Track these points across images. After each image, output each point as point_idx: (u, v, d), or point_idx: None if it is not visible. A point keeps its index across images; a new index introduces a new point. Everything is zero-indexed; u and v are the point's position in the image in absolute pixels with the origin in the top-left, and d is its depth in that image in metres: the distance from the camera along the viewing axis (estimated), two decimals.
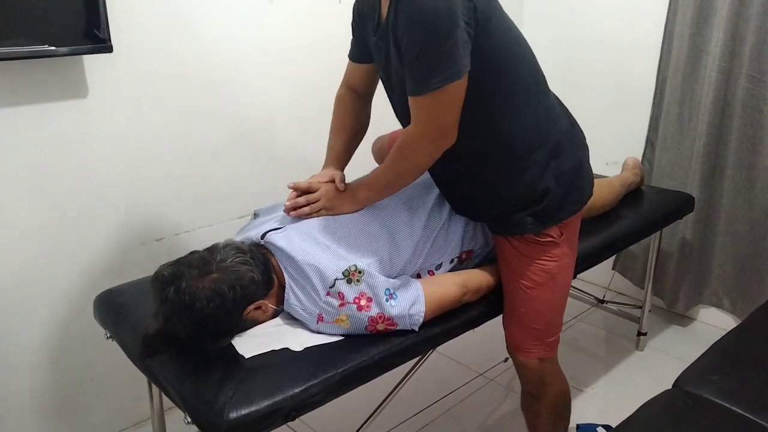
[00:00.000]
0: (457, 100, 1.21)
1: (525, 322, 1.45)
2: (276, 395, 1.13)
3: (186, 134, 1.90)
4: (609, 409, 2.04)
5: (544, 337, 1.47)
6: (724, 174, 2.29)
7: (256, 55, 2.01)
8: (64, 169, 1.68)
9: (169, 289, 1.20)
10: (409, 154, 1.30)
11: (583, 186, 1.41)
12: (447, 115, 1.22)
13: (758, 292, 2.28)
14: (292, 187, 1.44)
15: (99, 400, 1.88)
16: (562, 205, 1.37)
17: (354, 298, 1.26)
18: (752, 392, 1.33)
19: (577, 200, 1.40)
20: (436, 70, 1.15)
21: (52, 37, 1.50)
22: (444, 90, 1.17)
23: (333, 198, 1.41)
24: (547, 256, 1.40)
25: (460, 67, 1.15)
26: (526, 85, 1.30)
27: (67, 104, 1.65)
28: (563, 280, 1.45)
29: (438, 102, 1.20)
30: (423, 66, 1.16)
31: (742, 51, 2.15)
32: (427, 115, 1.23)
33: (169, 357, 1.25)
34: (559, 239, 1.39)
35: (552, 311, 1.46)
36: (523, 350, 1.48)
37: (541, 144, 1.32)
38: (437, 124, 1.24)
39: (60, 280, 1.73)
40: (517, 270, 1.42)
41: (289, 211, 1.41)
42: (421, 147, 1.28)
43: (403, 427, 1.97)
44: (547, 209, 1.35)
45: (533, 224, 1.36)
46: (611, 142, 2.62)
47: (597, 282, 2.71)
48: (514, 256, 1.41)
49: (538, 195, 1.34)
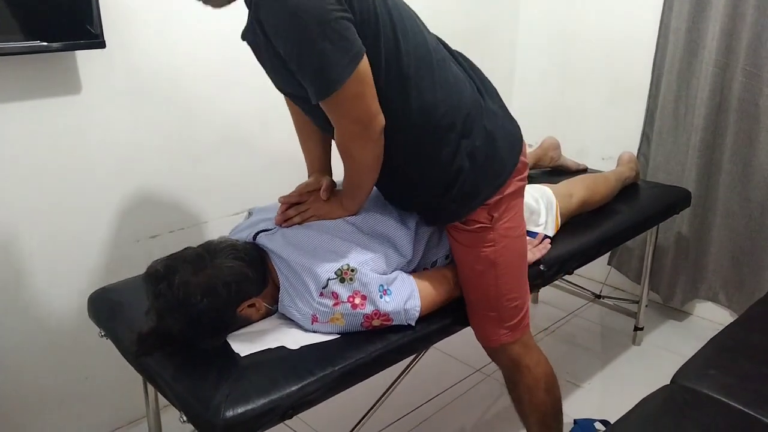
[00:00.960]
0: (365, 87, 1.13)
1: (479, 309, 1.42)
2: (272, 393, 1.12)
3: (180, 130, 1.88)
4: (606, 404, 2.04)
5: (501, 322, 1.42)
6: (720, 168, 2.29)
7: (250, 54, 1.99)
8: (57, 166, 1.67)
9: (162, 284, 1.19)
10: (351, 154, 1.25)
11: (502, 157, 1.32)
12: (360, 104, 1.15)
13: (754, 286, 2.29)
14: (282, 201, 1.42)
15: (94, 398, 1.87)
16: (481, 184, 1.30)
17: (348, 297, 1.25)
18: (751, 387, 1.33)
19: (498, 173, 1.32)
20: (328, 69, 1.08)
21: (44, 32, 1.48)
22: (346, 84, 1.10)
23: (322, 206, 1.39)
24: (483, 243, 1.35)
25: (352, 53, 1.08)
26: (418, 67, 1.21)
27: (59, 100, 1.63)
28: (506, 263, 1.38)
29: (345, 98, 1.13)
30: (310, 70, 1.10)
31: (738, 45, 2.15)
32: (341, 114, 1.17)
33: (165, 355, 1.24)
34: (490, 223, 1.34)
35: (500, 296, 1.39)
36: (487, 338, 1.45)
37: (447, 121, 1.25)
38: (353, 118, 1.16)
39: (53, 278, 1.72)
40: (461, 260, 1.39)
41: (281, 225, 1.40)
42: (353, 145, 1.22)
43: (400, 423, 1.96)
44: (464, 191, 1.30)
45: (456, 209, 1.32)
46: (607, 137, 2.62)
47: (594, 277, 2.71)
48: (455, 246, 1.39)
49: (452, 176, 1.28)
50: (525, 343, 1.48)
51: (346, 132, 1.20)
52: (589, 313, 2.61)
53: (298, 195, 1.42)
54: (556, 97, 2.75)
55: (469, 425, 1.98)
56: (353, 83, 1.11)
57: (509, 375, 1.53)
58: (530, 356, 1.49)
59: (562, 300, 2.62)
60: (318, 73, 1.09)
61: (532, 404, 1.52)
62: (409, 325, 1.32)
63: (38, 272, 1.69)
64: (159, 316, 1.22)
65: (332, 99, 1.12)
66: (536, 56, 2.80)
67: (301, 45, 1.07)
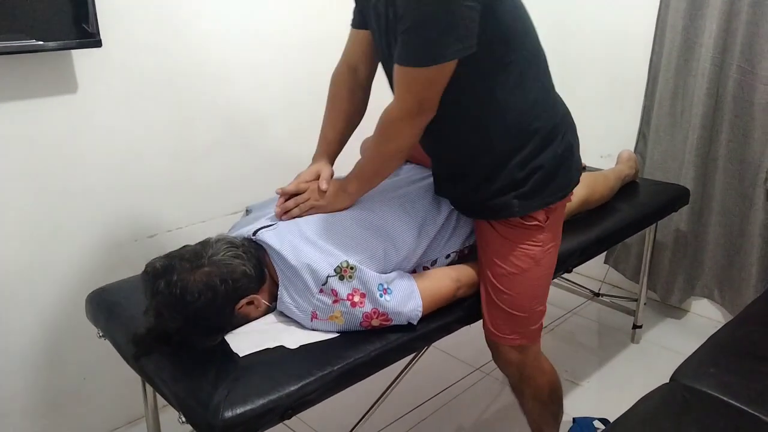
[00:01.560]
0: (442, 79, 1.17)
1: (507, 308, 1.40)
2: (271, 394, 1.12)
3: (177, 129, 1.88)
4: (605, 403, 2.04)
5: (527, 325, 1.42)
6: (716, 165, 2.29)
7: (248, 50, 1.99)
8: (54, 166, 1.66)
9: (160, 281, 1.19)
10: (392, 134, 1.26)
11: (572, 173, 1.38)
12: (430, 91, 1.18)
13: (748, 283, 2.29)
14: (280, 193, 1.42)
15: (93, 398, 1.86)
16: (550, 188, 1.33)
17: (347, 294, 1.25)
18: (750, 385, 1.33)
19: (565, 185, 1.37)
20: (431, 48, 1.11)
21: (40, 31, 1.48)
22: (432, 69, 1.13)
23: (321, 197, 1.39)
24: (532, 240, 1.36)
25: (457, 48, 1.11)
26: (529, 62, 1.25)
27: (56, 100, 1.63)
28: (547, 266, 1.41)
29: (423, 78, 1.16)
30: (418, 38, 1.11)
31: (733, 42, 2.15)
32: (409, 89, 1.19)
33: (163, 356, 1.23)
34: (544, 224, 1.36)
35: (535, 297, 1.41)
36: (504, 337, 1.43)
37: (539, 123, 1.29)
38: (419, 99, 1.19)
39: (51, 278, 1.71)
40: (501, 254, 1.38)
41: (280, 217, 1.40)
42: (402, 125, 1.23)
43: (400, 422, 1.96)
44: (535, 191, 1.32)
45: (519, 207, 1.33)
46: (605, 135, 2.61)
47: (592, 275, 2.71)
48: (497, 240, 1.38)
49: (527, 175, 1.30)
50: (537, 351, 1.49)
51: (404, 108, 1.21)
52: (587, 312, 2.61)
53: (296, 186, 1.42)
54: None
55: (468, 424, 1.98)
56: (444, 69, 1.14)
57: (514, 383, 1.53)
58: (539, 364, 1.50)
59: (560, 298, 2.62)
60: (427, 42, 1.11)
61: (537, 409, 1.55)
62: (409, 324, 1.31)
63: (35, 273, 1.68)
64: (157, 314, 1.21)
65: (419, 70, 1.14)
66: None
67: (430, 10, 1.07)
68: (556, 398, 1.57)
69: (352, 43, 1.45)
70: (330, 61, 1.53)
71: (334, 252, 1.28)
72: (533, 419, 1.58)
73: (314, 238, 1.31)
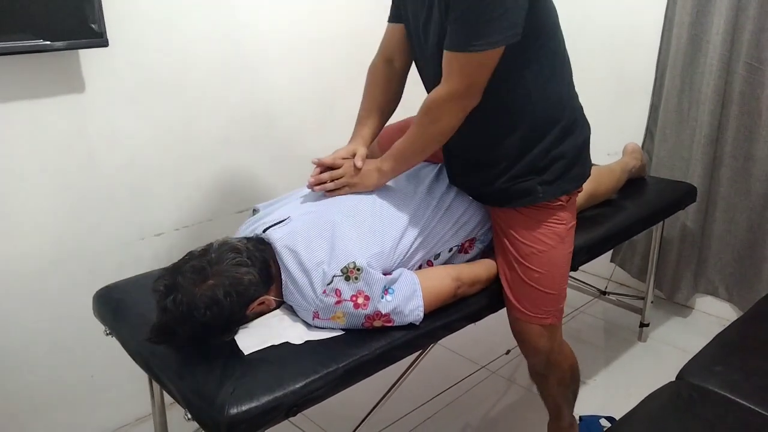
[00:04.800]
0: (492, 64, 1.22)
1: (539, 287, 1.43)
2: (277, 391, 1.12)
3: (184, 128, 1.88)
4: (612, 401, 2.03)
5: (557, 303, 1.47)
6: (722, 162, 2.28)
7: (255, 48, 2.00)
8: (62, 165, 1.67)
9: (167, 300, 1.19)
10: (437, 116, 1.30)
11: (587, 164, 1.45)
12: (480, 75, 1.23)
13: (755, 279, 2.28)
14: (317, 163, 1.45)
15: (100, 395, 1.88)
16: (569, 176, 1.40)
17: (351, 296, 1.25)
18: (757, 384, 1.32)
19: (582, 174, 1.44)
20: (483, 33, 1.15)
21: (48, 31, 1.48)
22: (484, 53, 1.17)
23: (355, 174, 1.42)
24: (556, 218, 1.41)
25: (507, 34, 1.16)
26: (561, 56, 1.35)
27: (63, 99, 1.64)
28: (570, 243, 1.47)
29: (474, 62, 1.20)
30: (470, 24, 1.16)
31: (740, 39, 2.14)
32: (460, 73, 1.23)
33: (170, 353, 1.24)
34: (566, 203, 1.42)
35: (564, 275, 1.47)
36: (536, 316, 1.45)
37: (563, 114, 1.36)
38: (468, 83, 1.24)
39: (59, 276, 1.72)
40: (528, 234, 1.42)
41: (312, 187, 1.43)
42: (449, 106, 1.28)
43: (405, 419, 1.96)
44: (556, 178, 1.38)
45: (543, 192, 1.38)
46: (612, 132, 2.60)
47: (599, 273, 2.70)
48: (523, 221, 1.41)
49: (549, 162, 1.36)
50: (560, 332, 1.54)
51: (453, 91, 1.25)
52: (594, 310, 2.60)
53: (332, 159, 1.44)
54: None
55: (474, 422, 1.98)
56: (494, 54, 1.19)
57: (541, 369, 1.56)
58: (562, 347, 1.56)
59: (567, 296, 2.60)
60: (479, 28, 1.15)
61: (560, 390, 1.62)
62: (411, 324, 1.31)
63: (43, 270, 1.69)
64: (168, 329, 1.21)
65: (471, 55, 1.19)
66: None
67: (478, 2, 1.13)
68: (577, 377, 1.64)
69: (389, 37, 1.52)
70: (336, 58, 1.53)
71: (343, 251, 1.27)
72: (554, 402, 1.64)
73: (326, 233, 1.30)
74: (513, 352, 2.14)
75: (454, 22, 1.18)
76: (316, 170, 1.45)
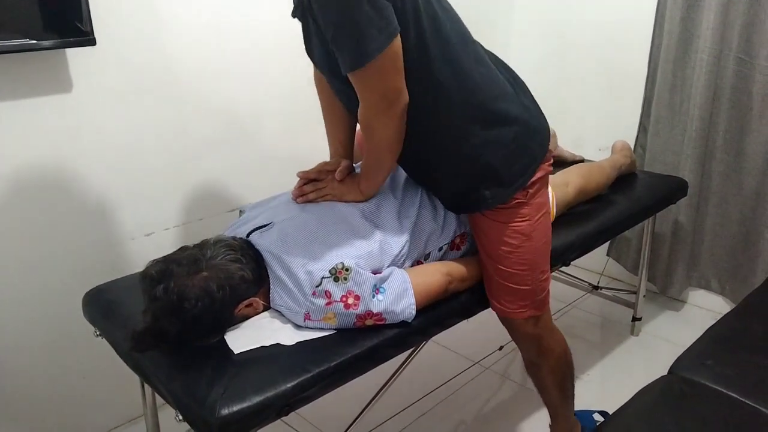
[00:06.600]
0: (390, 65, 1.17)
1: (513, 284, 1.43)
2: (268, 391, 1.12)
3: (172, 127, 1.87)
4: (605, 395, 2.04)
5: (532, 296, 1.45)
6: (714, 157, 2.29)
7: (243, 48, 1.98)
8: (51, 165, 1.66)
9: (158, 287, 1.18)
10: (372, 131, 1.28)
11: (532, 151, 1.37)
12: (387, 79, 1.18)
13: (748, 273, 2.30)
14: (301, 176, 1.44)
15: (92, 397, 1.87)
16: (514, 174, 1.35)
17: (341, 296, 1.24)
18: (748, 377, 1.33)
19: (529, 164, 1.36)
20: (362, 46, 1.12)
21: (34, 30, 1.47)
22: (376, 60, 1.14)
23: (338, 186, 1.41)
24: (518, 217, 1.39)
25: (388, 31, 1.12)
26: (458, 56, 1.25)
27: (50, 99, 1.62)
28: (540, 237, 1.43)
29: (373, 71, 1.16)
30: (346, 46, 1.13)
31: (731, 34, 2.14)
32: (367, 87, 1.20)
33: (160, 354, 1.23)
34: (525, 198, 1.38)
35: (534, 269, 1.44)
36: (514, 311, 1.46)
37: (478, 114, 1.29)
38: (380, 92, 1.20)
39: (48, 277, 1.71)
40: (494, 236, 1.41)
41: (296, 198, 1.42)
42: (377, 119, 1.24)
43: (399, 417, 1.96)
44: (500, 179, 1.34)
45: (492, 198, 1.35)
46: (604, 128, 2.61)
47: (591, 268, 2.71)
48: (487, 224, 1.41)
49: (483, 168, 1.33)
50: (548, 319, 1.53)
51: (372, 106, 1.23)
52: (587, 304, 2.61)
53: (317, 172, 1.44)
54: (551, 87, 2.73)
55: (468, 418, 1.98)
56: (385, 58, 1.14)
57: (533, 357, 1.57)
58: (552, 332, 1.56)
59: (560, 291, 2.61)
60: (353, 44, 1.12)
61: (556, 379, 1.59)
62: (403, 322, 1.31)
63: (32, 272, 1.68)
64: (155, 318, 1.21)
65: (363, 71, 1.15)
66: (531, 46, 2.79)
67: (340, 15, 1.10)
68: (570, 364, 1.63)
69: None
70: None
71: (332, 251, 1.27)
72: (550, 396, 1.62)
73: (312, 236, 1.30)
74: (506, 348, 2.14)
75: (337, 48, 1.15)
76: (300, 182, 1.44)
